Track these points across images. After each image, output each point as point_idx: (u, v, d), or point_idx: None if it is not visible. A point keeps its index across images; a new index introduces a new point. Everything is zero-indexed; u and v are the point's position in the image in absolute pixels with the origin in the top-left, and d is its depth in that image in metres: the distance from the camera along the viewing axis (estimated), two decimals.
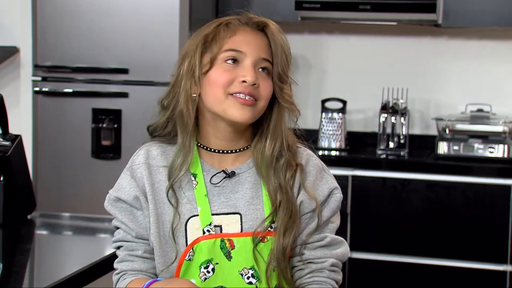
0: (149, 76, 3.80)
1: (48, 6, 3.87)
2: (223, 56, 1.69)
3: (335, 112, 4.11)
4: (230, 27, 1.71)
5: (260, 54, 1.69)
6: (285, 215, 1.68)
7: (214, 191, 1.72)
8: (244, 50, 1.69)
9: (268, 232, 1.69)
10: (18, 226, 2.52)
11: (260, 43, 1.70)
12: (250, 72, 1.67)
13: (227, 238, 1.68)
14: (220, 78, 1.68)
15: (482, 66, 4.12)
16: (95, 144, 3.87)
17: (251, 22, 1.72)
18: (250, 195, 1.72)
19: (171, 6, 3.74)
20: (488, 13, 3.84)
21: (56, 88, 3.90)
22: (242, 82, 1.67)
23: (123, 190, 1.75)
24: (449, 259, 3.68)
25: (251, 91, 1.67)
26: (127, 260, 1.75)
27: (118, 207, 1.75)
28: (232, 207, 1.71)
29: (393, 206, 3.74)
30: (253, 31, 1.71)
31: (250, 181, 1.74)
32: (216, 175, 1.73)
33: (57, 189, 3.91)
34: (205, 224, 1.69)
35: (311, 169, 1.76)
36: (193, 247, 1.68)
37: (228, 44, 1.69)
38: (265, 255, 1.69)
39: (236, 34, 1.70)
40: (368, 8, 3.85)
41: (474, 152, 3.79)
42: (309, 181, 1.74)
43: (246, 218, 1.70)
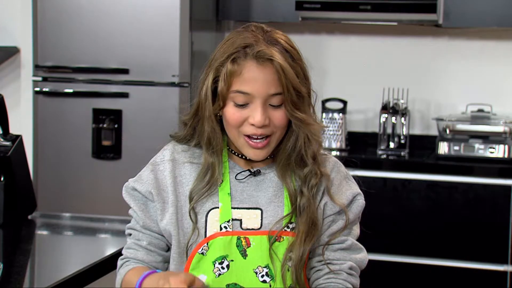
0: (149, 77, 3.80)
1: (49, 7, 3.87)
2: (232, 96, 1.68)
3: (335, 112, 4.11)
4: (237, 62, 1.66)
5: (268, 91, 1.67)
6: (306, 222, 1.70)
7: (238, 187, 1.75)
8: (251, 91, 1.66)
9: (285, 232, 1.71)
10: (18, 226, 2.52)
11: (268, 78, 1.66)
12: (258, 114, 1.66)
13: (244, 236, 1.70)
14: (231, 119, 1.69)
15: (483, 66, 4.12)
16: (95, 144, 3.87)
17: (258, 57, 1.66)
18: (273, 193, 1.75)
19: (171, 6, 3.74)
20: (489, 13, 3.84)
21: (57, 88, 3.90)
22: (251, 124, 1.68)
23: (140, 182, 1.78)
24: (449, 259, 3.68)
25: (262, 132, 1.68)
26: (133, 248, 1.78)
27: (133, 196, 1.79)
28: (254, 202, 1.74)
29: (393, 207, 3.74)
30: (260, 66, 1.66)
31: (273, 180, 1.76)
32: (242, 172, 1.76)
33: (57, 189, 3.91)
34: (223, 220, 1.71)
35: (336, 175, 1.79)
36: (208, 242, 1.70)
37: (236, 84, 1.67)
38: (280, 254, 1.70)
39: (243, 72, 1.66)
40: (369, 8, 3.85)
41: (475, 152, 3.79)
42: (334, 185, 1.77)
43: (266, 214, 1.72)
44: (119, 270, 1.79)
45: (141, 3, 3.77)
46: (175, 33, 3.75)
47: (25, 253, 2.32)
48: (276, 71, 1.65)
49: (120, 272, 1.77)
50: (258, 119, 1.66)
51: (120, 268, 1.78)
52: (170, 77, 3.77)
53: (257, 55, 1.66)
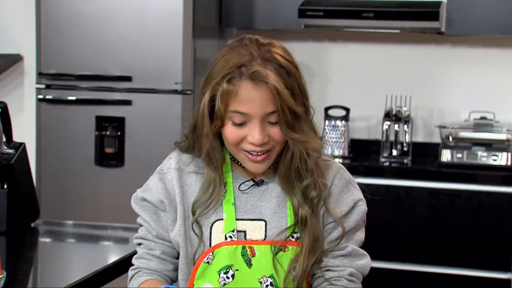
0: (152, 84, 3.80)
1: (52, 14, 3.88)
2: (229, 116, 1.67)
3: (338, 119, 4.11)
4: (232, 83, 1.65)
5: (265, 110, 1.65)
6: (309, 238, 1.70)
7: (242, 197, 1.75)
8: (248, 111, 1.65)
9: (289, 242, 1.72)
10: (21, 234, 2.52)
11: (264, 97, 1.64)
12: (257, 134, 1.66)
13: (249, 245, 1.71)
14: (230, 138, 1.69)
15: (485, 74, 4.12)
16: (98, 151, 3.88)
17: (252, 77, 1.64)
18: (276, 203, 1.75)
19: (174, 14, 3.75)
20: (491, 21, 3.85)
21: (60, 95, 3.91)
22: (250, 143, 1.68)
23: (150, 192, 1.78)
24: (452, 267, 3.67)
25: (261, 149, 1.68)
26: (145, 258, 1.78)
27: (143, 206, 1.78)
28: (258, 213, 1.74)
29: (396, 214, 3.73)
30: (255, 86, 1.64)
31: (277, 190, 1.76)
32: (245, 182, 1.76)
33: (60, 197, 3.91)
34: (228, 230, 1.72)
35: (338, 182, 1.78)
36: (213, 251, 1.71)
37: (233, 105, 1.66)
38: (284, 264, 1.71)
39: (239, 92, 1.64)
40: (371, 16, 3.86)
41: (478, 160, 3.79)
42: (335, 193, 1.76)
43: (270, 225, 1.73)
44: (130, 281, 1.79)
45: (144, 10, 3.78)
46: (178, 41, 3.75)
47: (28, 261, 2.32)
48: (271, 91, 1.64)
49: (133, 283, 1.77)
50: (256, 138, 1.66)
51: (132, 279, 1.78)
52: (173, 84, 3.77)
53: (252, 76, 1.64)
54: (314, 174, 1.73)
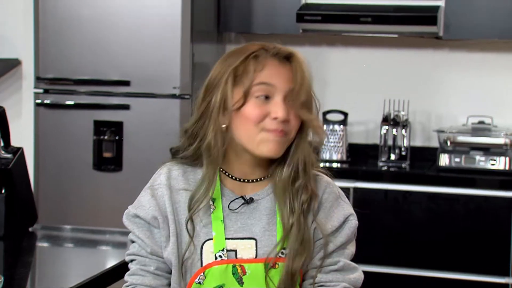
0: (150, 88, 3.80)
1: (50, 19, 3.88)
2: (255, 90, 1.68)
3: (336, 124, 4.11)
4: (259, 60, 1.70)
5: (289, 86, 1.70)
6: (296, 240, 1.70)
7: (232, 216, 1.74)
8: (274, 83, 1.69)
9: (280, 259, 1.71)
10: (19, 239, 2.52)
11: (288, 75, 1.70)
12: (282, 108, 1.68)
13: (239, 264, 1.70)
14: (253, 114, 1.68)
15: (483, 78, 4.12)
16: (96, 156, 3.87)
17: (279, 54, 1.71)
18: (266, 221, 1.74)
19: (173, 19, 3.75)
20: (489, 25, 3.85)
21: (58, 100, 3.91)
22: (274, 118, 1.68)
23: (142, 208, 1.76)
24: (451, 272, 3.67)
25: (283, 128, 1.69)
26: (138, 274, 1.76)
27: (136, 223, 1.76)
28: (248, 232, 1.73)
29: (394, 218, 3.73)
30: (281, 63, 1.71)
31: (267, 207, 1.75)
32: (235, 200, 1.75)
33: (58, 201, 3.91)
34: (217, 250, 1.70)
35: (328, 196, 1.78)
36: (204, 271, 1.70)
37: (259, 77, 1.69)
38: (276, 281, 1.70)
39: (265, 68, 1.69)
40: (369, 20, 3.86)
41: (476, 164, 3.79)
42: (325, 208, 1.76)
43: (261, 244, 1.72)
44: None
45: (142, 15, 3.78)
46: (176, 45, 3.76)
47: (26, 266, 2.31)
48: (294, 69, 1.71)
49: None
50: (281, 113, 1.67)
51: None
52: (171, 89, 3.77)
53: (278, 52, 1.71)
54: (308, 175, 1.73)
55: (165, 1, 3.76)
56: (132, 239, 1.78)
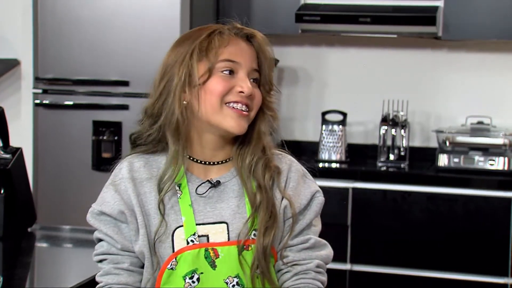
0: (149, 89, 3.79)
1: (49, 19, 3.88)
2: (220, 66, 1.71)
3: (335, 124, 4.11)
4: (224, 37, 1.73)
5: (252, 65, 1.73)
6: (265, 214, 1.70)
7: (200, 201, 1.73)
8: (239, 60, 1.72)
9: (252, 240, 1.71)
10: (18, 239, 2.52)
11: (251, 54, 1.74)
12: (247, 83, 1.71)
13: (211, 247, 1.70)
14: (218, 87, 1.70)
15: (482, 78, 4.13)
16: (95, 156, 3.87)
17: (241, 33, 1.75)
18: (236, 203, 1.74)
19: (171, 18, 3.75)
20: (488, 26, 3.85)
21: (57, 100, 3.91)
22: (239, 92, 1.70)
23: (107, 204, 1.75)
24: (449, 272, 3.67)
25: (247, 102, 1.71)
26: (113, 274, 1.73)
27: (102, 220, 1.75)
28: (218, 216, 1.72)
29: (393, 219, 3.73)
30: (244, 42, 1.74)
31: (234, 189, 1.75)
32: (202, 185, 1.74)
33: (57, 202, 3.91)
34: (189, 234, 1.70)
35: (293, 175, 1.78)
36: (176, 257, 1.69)
37: (224, 54, 1.71)
38: (249, 262, 1.70)
39: (230, 45, 1.72)
40: (368, 20, 3.86)
41: (475, 165, 3.80)
42: (292, 186, 1.77)
43: (232, 227, 1.71)
44: None
45: (141, 15, 3.78)
46: None
47: (25, 266, 2.31)
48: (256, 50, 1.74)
49: None
50: (246, 88, 1.70)
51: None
52: None
53: (239, 32, 1.75)
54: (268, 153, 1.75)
55: (164, 1, 3.76)
56: (99, 237, 1.76)
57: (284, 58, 4.23)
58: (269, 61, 1.75)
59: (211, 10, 4.09)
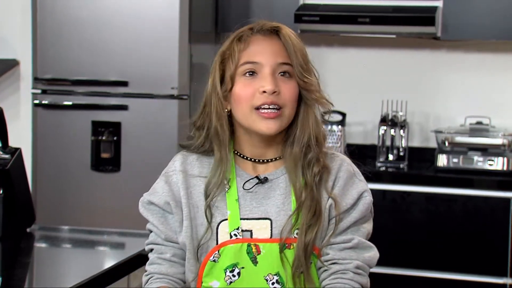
0: (148, 89, 3.80)
1: (48, 19, 3.88)
2: (241, 70, 1.72)
3: (334, 124, 4.11)
4: (243, 39, 1.73)
5: (276, 60, 1.72)
6: (309, 212, 1.71)
7: (247, 196, 1.75)
8: (259, 60, 1.71)
9: (294, 239, 1.71)
10: (17, 239, 2.52)
11: (275, 48, 1.72)
12: (268, 81, 1.70)
13: (254, 243, 1.71)
14: (242, 93, 1.71)
15: (481, 78, 4.13)
16: (94, 156, 3.87)
17: (263, 29, 1.74)
18: (281, 201, 1.75)
19: (170, 19, 3.75)
20: (487, 26, 3.86)
21: (56, 100, 3.91)
22: (262, 92, 1.69)
23: (156, 194, 1.79)
24: (449, 272, 3.67)
25: (273, 100, 1.70)
26: (156, 263, 1.78)
27: (150, 210, 1.79)
28: (263, 212, 1.74)
29: (392, 219, 3.74)
30: (266, 38, 1.73)
31: (282, 187, 1.76)
32: (249, 180, 1.76)
33: (56, 202, 3.90)
34: (232, 228, 1.72)
35: (342, 175, 1.79)
36: (219, 249, 1.71)
37: (244, 57, 1.72)
38: (291, 261, 1.70)
39: (250, 46, 1.72)
40: (367, 21, 3.86)
41: (474, 165, 3.80)
42: (340, 185, 1.77)
43: (276, 224, 1.72)
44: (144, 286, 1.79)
45: (140, 15, 3.78)
46: (174, 46, 3.76)
47: (24, 266, 2.31)
48: (282, 42, 1.72)
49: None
50: (268, 86, 1.69)
51: (146, 284, 1.78)
52: (169, 89, 3.77)
53: (262, 28, 1.73)
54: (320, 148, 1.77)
55: (163, 1, 3.76)
56: (149, 228, 1.81)
57: None
58: (299, 50, 1.73)
59: (210, 11, 4.09)
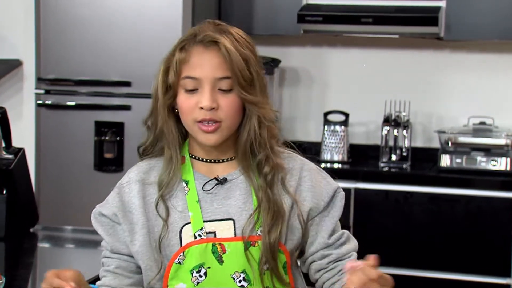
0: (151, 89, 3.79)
1: (51, 20, 3.88)
2: (182, 83, 1.71)
3: (337, 124, 4.11)
4: (185, 49, 1.71)
5: (215, 75, 1.69)
6: (268, 213, 1.71)
7: (207, 198, 1.75)
8: (198, 75, 1.69)
9: (258, 237, 1.71)
10: (20, 240, 2.52)
11: (215, 62, 1.69)
12: (206, 97, 1.68)
13: (218, 242, 1.71)
14: (184, 106, 1.71)
15: (484, 79, 4.12)
16: (97, 156, 3.87)
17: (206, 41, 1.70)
18: (242, 200, 1.75)
19: (173, 19, 3.75)
20: (490, 26, 3.85)
21: (59, 101, 3.91)
22: (200, 108, 1.69)
23: (106, 206, 1.80)
24: (451, 272, 3.67)
25: (211, 117, 1.69)
26: (102, 276, 1.79)
27: (100, 221, 1.79)
28: (225, 213, 1.73)
29: (395, 219, 3.73)
30: (207, 50, 1.70)
31: (241, 187, 1.76)
32: (208, 182, 1.76)
33: (59, 202, 3.91)
34: (196, 229, 1.71)
35: (307, 174, 1.79)
36: (184, 251, 1.70)
37: (184, 70, 1.71)
38: (257, 258, 1.71)
39: (191, 57, 1.70)
40: (370, 21, 3.86)
41: (477, 165, 3.79)
42: (310, 186, 1.77)
43: (239, 223, 1.72)
44: None
45: (143, 15, 3.78)
46: None
47: (27, 266, 2.32)
48: (222, 55, 1.68)
49: None
50: (205, 103, 1.68)
51: None
52: None
53: (203, 39, 1.70)
54: (267, 149, 1.73)
55: (166, 1, 3.76)
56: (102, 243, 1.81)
57: (286, 58, 4.22)
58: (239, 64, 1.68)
59: (213, 11, 4.09)
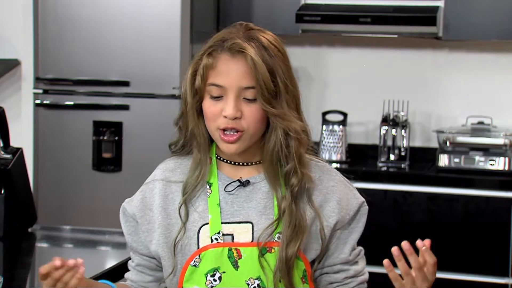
0: (150, 89, 3.80)
1: (50, 19, 3.88)
2: (208, 89, 1.70)
3: (336, 124, 4.11)
4: (212, 55, 1.70)
5: (240, 84, 1.67)
6: (289, 226, 1.70)
7: (228, 199, 1.74)
8: (224, 83, 1.67)
9: (275, 243, 1.71)
10: (19, 239, 2.52)
11: (241, 71, 1.67)
12: (230, 106, 1.67)
13: (235, 247, 1.70)
14: (208, 113, 1.71)
15: (483, 78, 4.13)
16: (96, 156, 3.87)
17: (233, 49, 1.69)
18: (263, 204, 1.74)
19: (172, 19, 3.75)
20: (488, 26, 3.86)
21: (57, 100, 3.91)
22: (224, 116, 1.68)
23: (130, 203, 1.80)
24: (450, 272, 3.67)
25: (233, 126, 1.68)
26: (128, 269, 1.83)
27: (125, 218, 1.81)
28: (245, 216, 1.73)
29: (394, 219, 3.74)
30: (234, 58, 1.68)
31: (264, 191, 1.75)
32: (231, 183, 1.75)
33: (58, 202, 3.91)
34: (213, 232, 1.71)
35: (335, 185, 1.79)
36: (200, 254, 1.70)
37: (210, 77, 1.69)
38: (272, 266, 1.70)
39: (217, 65, 1.69)
40: (369, 21, 3.86)
41: (475, 165, 3.79)
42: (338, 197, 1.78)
43: (257, 227, 1.72)
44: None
45: (142, 15, 3.78)
46: (175, 46, 3.76)
47: (25, 266, 2.32)
48: (248, 64, 1.67)
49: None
50: (229, 111, 1.67)
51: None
52: (170, 89, 3.77)
53: (230, 47, 1.68)
54: (295, 160, 1.71)
55: (165, 1, 3.76)
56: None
57: None
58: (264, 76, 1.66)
59: (212, 11, 4.09)
